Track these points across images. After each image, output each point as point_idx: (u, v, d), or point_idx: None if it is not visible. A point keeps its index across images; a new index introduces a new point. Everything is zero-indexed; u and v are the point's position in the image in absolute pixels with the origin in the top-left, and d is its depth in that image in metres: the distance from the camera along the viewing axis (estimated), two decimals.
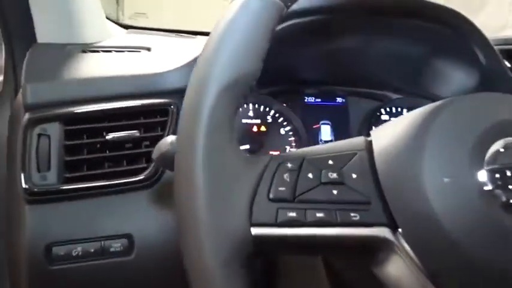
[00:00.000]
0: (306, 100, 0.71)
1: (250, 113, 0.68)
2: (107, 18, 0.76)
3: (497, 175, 0.29)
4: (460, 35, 0.55)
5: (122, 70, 0.55)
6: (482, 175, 0.29)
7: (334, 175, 0.32)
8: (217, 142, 0.30)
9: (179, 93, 0.50)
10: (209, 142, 0.30)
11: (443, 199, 0.29)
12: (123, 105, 0.52)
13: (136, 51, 0.63)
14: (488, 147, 0.30)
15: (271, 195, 0.31)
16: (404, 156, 0.31)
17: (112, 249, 0.47)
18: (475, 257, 0.28)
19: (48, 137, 0.47)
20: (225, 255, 0.28)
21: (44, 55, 0.57)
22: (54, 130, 0.48)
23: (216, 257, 0.28)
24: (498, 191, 0.28)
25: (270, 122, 0.68)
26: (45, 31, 0.62)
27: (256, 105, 0.68)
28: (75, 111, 0.49)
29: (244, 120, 0.67)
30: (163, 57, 0.60)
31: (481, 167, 0.29)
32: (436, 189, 0.29)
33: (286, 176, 0.31)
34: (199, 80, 0.32)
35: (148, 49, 0.64)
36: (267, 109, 0.68)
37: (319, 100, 0.71)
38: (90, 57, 0.58)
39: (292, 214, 0.30)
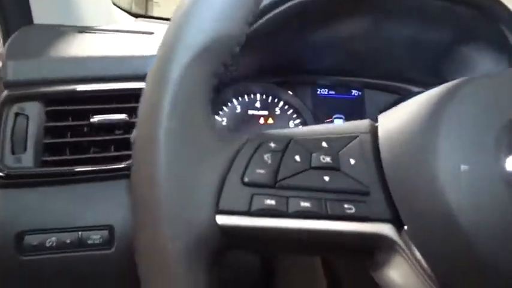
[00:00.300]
0: (318, 92, 0.66)
1: (257, 104, 0.64)
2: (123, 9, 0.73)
3: None
4: (488, 16, 0.48)
5: (116, 51, 0.51)
6: (511, 163, 0.23)
7: (328, 159, 0.27)
8: (186, 114, 0.25)
9: None
10: (175, 113, 0.25)
11: (460, 191, 0.23)
12: (113, 87, 0.48)
13: (137, 35, 0.60)
14: None
15: (246, 178, 0.25)
16: (414, 139, 0.26)
17: (90, 241, 0.43)
18: (498, 263, 0.22)
19: (27, 117, 0.44)
20: (186, 246, 0.24)
21: (33, 34, 0.54)
22: (34, 110, 0.44)
23: (174, 247, 0.23)
24: None
25: (278, 114, 0.64)
26: (42, 12, 0.59)
27: (264, 96, 0.64)
28: (58, 91, 0.46)
29: (250, 112, 0.63)
30: None
31: (509, 154, 0.23)
32: (452, 179, 0.23)
33: (267, 156, 0.26)
34: (169, 43, 0.27)
35: (151, 33, 0.60)
36: (276, 100, 0.64)
37: (333, 92, 0.66)
38: (83, 37, 0.55)
39: (271, 202, 0.25)
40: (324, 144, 0.27)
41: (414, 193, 0.24)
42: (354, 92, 0.66)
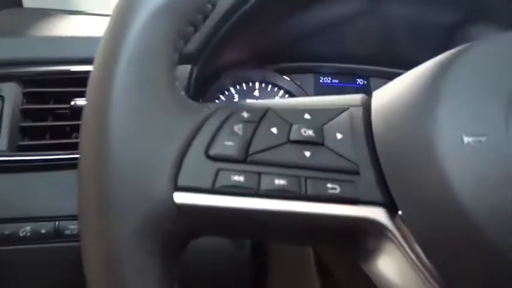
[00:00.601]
0: (321, 80, 0.62)
1: (256, 92, 0.60)
2: None
3: None
4: None
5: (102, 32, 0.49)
6: None
7: (310, 132, 0.23)
8: (143, 75, 0.22)
9: None
10: (130, 74, 0.22)
11: (463, 167, 0.19)
12: None
13: None
14: None
15: (211, 151, 0.22)
16: (410, 109, 0.22)
17: (67, 232, 0.40)
18: (507, 252, 0.18)
19: (2, 98, 0.42)
20: (134, 228, 0.20)
21: (17, 15, 0.52)
22: (10, 91, 0.42)
23: (121, 229, 0.20)
24: None
25: None
26: None
27: (263, 84, 0.60)
28: (36, 72, 0.43)
29: (248, 100, 0.60)
30: None
31: None
32: (453, 153, 0.20)
33: (238, 127, 0.23)
34: None
35: None
36: (275, 88, 0.61)
37: (337, 81, 0.63)
38: (69, 19, 0.52)
39: (239, 178, 0.21)
40: (307, 116, 0.24)
41: (410, 171, 0.21)
42: (359, 80, 0.63)
